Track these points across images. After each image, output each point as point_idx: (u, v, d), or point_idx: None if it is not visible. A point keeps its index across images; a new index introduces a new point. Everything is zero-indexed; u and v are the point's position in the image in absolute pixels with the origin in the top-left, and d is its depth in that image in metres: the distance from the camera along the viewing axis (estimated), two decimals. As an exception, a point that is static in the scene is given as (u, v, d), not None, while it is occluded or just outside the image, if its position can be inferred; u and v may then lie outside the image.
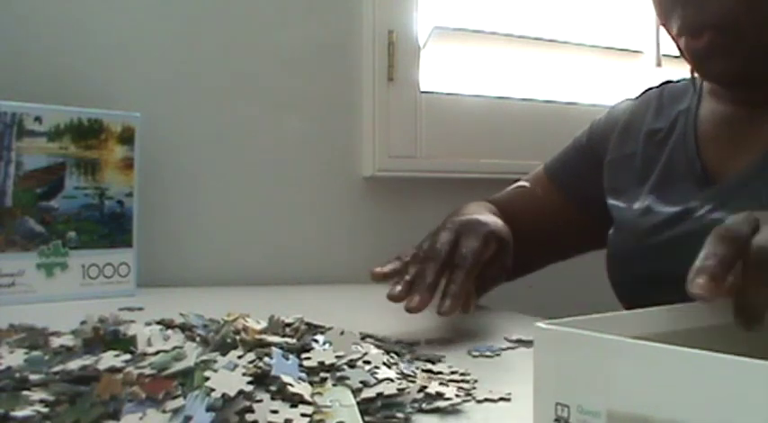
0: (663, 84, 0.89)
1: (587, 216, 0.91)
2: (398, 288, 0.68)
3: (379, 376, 0.45)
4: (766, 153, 0.71)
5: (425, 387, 0.46)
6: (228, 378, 0.40)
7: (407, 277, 0.69)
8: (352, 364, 0.46)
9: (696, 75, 0.78)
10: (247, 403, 0.39)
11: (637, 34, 1.45)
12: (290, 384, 0.41)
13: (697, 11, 0.68)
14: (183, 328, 0.54)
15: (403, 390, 0.44)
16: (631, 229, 0.80)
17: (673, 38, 0.73)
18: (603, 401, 0.32)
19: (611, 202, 0.86)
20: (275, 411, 0.39)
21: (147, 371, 0.42)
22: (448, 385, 0.48)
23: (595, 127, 0.93)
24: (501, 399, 0.47)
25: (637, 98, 0.91)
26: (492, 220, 0.78)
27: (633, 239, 0.79)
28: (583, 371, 0.33)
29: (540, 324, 0.35)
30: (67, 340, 0.51)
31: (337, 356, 0.47)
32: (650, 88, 0.90)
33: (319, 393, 0.42)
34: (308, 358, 0.46)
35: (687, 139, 0.79)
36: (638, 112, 0.88)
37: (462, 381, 0.51)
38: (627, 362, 0.32)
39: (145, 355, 0.46)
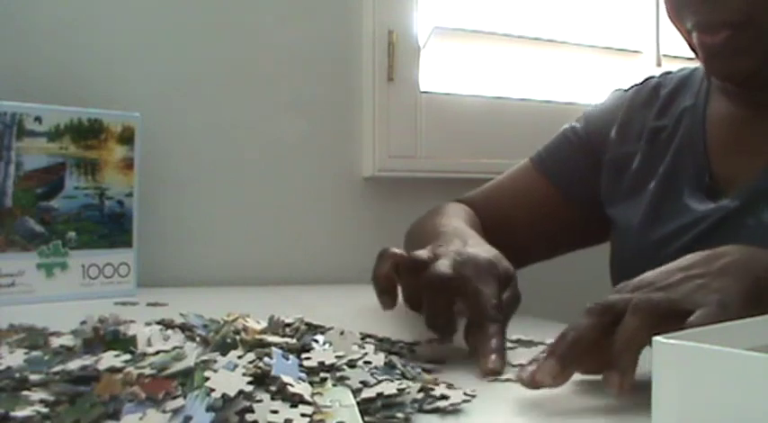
0: (661, 75, 0.86)
1: (584, 213, 0.87)
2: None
3: (379, 376, 0.45)
4: None
5: (425, 387, 0.46)
6: (228, 378, 0.40)
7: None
8: (352, 365, 0.46)
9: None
10: (247, 403, 0.39)
11: (636, 34, 1.45)
12: (290, 384, 0.41)
13: (714, 7, 0.67)
14: (183, 328, 0.54)
15: (403, 390, 0.44)
16: (637, 236, 0.78)
17: (683, 33, 0.72)
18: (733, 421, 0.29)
19: (611, 203, 0.84)
20: (275, 411, 0.39)
21: (147, 371, 0.42)
22: (449, 386, 0.48)
23: (592, 120, 0.89)
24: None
25: (628, 90, 0.87)
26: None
27: (638, 248, 0.77)
28: (712, 389, 0.30)
29: (660, 338, 0.31)
30: (67, 340, 0.51)
31: (337, 356, 0.47)
32: (646, 79, 0.87)
33: (319, 393, 0.42)
34: (308, 358, 0.46)
35: (695, 143, 0.76)
36: (638, 107, 0.84)
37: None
38: (760, 378, 0.28)
39: (145, 355, 0.46)
